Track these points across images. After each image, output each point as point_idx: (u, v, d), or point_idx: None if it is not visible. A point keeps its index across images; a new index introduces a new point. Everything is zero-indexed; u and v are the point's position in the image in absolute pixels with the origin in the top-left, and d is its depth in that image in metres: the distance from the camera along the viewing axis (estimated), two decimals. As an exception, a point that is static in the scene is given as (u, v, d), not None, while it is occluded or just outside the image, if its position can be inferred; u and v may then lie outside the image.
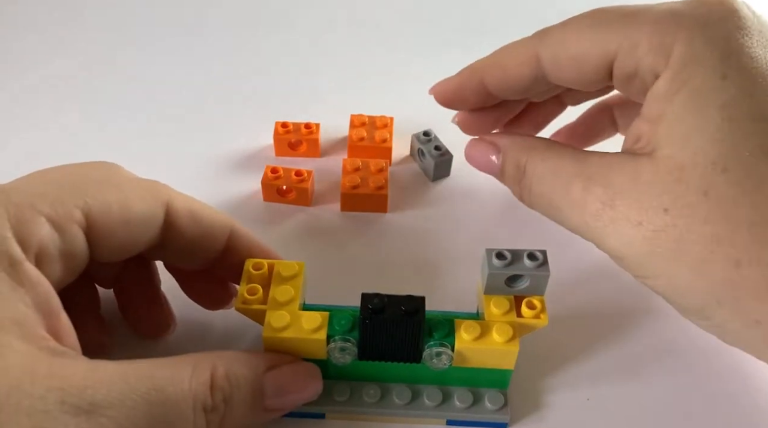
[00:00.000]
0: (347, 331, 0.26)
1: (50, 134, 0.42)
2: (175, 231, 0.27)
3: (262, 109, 0.44)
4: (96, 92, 0.45)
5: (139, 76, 0.47)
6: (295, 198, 0.38)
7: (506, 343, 0.26)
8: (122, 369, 0.22)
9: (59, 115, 0.43)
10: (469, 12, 0.53)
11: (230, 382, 0.24)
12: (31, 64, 0.47)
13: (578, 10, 0.29)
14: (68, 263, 0.25)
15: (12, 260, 0.22)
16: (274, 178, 0.37)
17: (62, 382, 0.21)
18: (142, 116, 0.43)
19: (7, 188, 0.24)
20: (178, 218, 0.27)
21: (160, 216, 0.27)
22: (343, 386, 0.28)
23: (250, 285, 0.27)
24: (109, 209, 0.25)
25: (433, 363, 0.27)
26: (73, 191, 0.25)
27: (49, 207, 0.24)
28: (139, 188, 0.27)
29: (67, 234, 0.24)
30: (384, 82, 0.46)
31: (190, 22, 0.52)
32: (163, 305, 0.31)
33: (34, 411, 0.20)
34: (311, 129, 0.40)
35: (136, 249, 0.27)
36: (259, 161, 0.40)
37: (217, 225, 0.28)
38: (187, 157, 0.40)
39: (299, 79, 0.47)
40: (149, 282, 0.31)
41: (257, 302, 0.27)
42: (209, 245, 0.28)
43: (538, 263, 0.27)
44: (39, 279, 0.23)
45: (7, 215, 0.23)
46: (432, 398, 0.28)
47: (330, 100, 0.45)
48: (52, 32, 0.50)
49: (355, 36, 0.51)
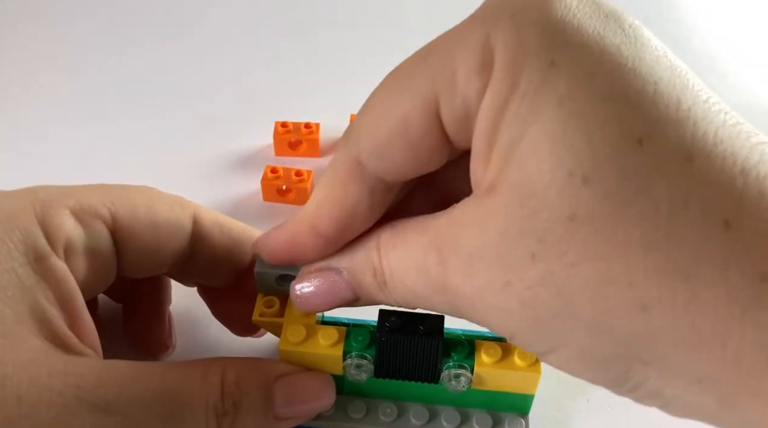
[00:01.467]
0: (364, 348, 0.26)
1: (49, 134, 0.42)
2: (204, 242, 0.27)
3: (262, 109, 0.44)
4: (95, 93, 0.45)
5: (138, 76, 0.47)
6: (295, 198, 0.38)
7: (529, 367, 0.25)
8: (135, 370, 0.22)
9: (59, 116, 0.43)
10: (470, 12, 0.53)
11: (240, 388, 0.23)
12: (29, 66, 0.47)
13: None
14: (94, 261, 0.25)
15: (38, 254, 0.22)
16: (274, 178, 0.37)
17: (78, 380, 0.21)
18: (142, 116, 0.43)
19: (35, 188, 0.24)
20: (206, 227, 0.27)
21: (188, 225, 0.27)
22: (359, 403, 0.27)
23: (267, 297, 0.27)
24: (135, 209, 0.25)
25: (451, 385, 0.26)
26: (99, 190, 0.25)
27: (74, 201, 0.24)
28: (166, 197, 0.27)
29: (92, 229, 0.24)
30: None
31: (190, 22, 0.52)
32: (165, 326, 0.30)
33: (54, 405, 0.20)
34: (311, 129, 0.40)
35: (165, 259, 0.27)
36: (259, 161, 0.40)
37: (245, 236, 0.28)
38: (187, 157, 0.40)
39: (299, 79, 0.47)
40: (158, 300, 0.31)
41: (274, 315, 0.27)
42: (238, 256, 0.28)
43: None
44: (65, 276, 0.23)
45: (33, 210, 0.23)
46: (450, 420, 0.27)
47: (330, 101, 0.45)
48: (51, 33, 0.50)
49: (355, 36, 0.51)
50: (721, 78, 0.48)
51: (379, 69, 0.32)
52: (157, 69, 0.47)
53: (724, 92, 0.19)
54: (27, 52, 0.49)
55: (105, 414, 0.21)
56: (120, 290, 0.30)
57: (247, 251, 0.28)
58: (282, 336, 0.26)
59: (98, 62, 0.48)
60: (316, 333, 0.26)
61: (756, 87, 0.48)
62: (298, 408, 0.25)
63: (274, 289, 0.27)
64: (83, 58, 0.48)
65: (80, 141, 0.41)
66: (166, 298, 0.31)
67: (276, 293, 0.27)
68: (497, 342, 0.26)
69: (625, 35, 0.19)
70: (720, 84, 0.47)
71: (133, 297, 0.31)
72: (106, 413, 0.21)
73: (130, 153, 0.40)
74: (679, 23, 0.54)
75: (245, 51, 0.49)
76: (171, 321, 0.31)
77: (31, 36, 0.50)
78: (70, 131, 0.42)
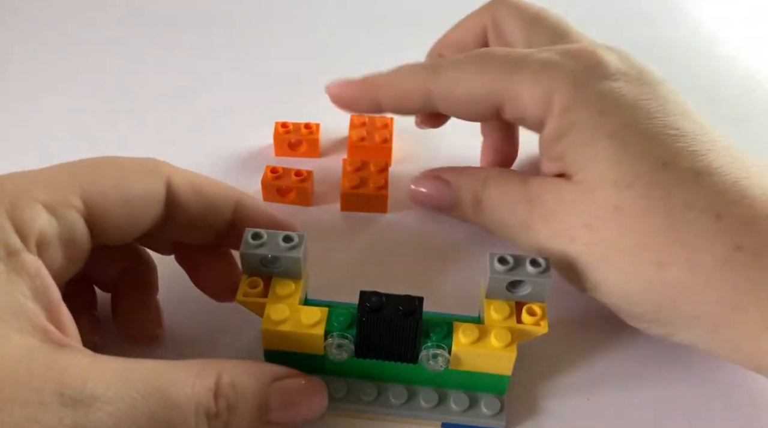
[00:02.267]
0: (345, 328, 0.27)
1: (49, 134, 0.42)
2: (179, 206, 0.27)
3: (262, 109, 0.44)
4: (95, 92, 0.45)
5: (137, 76, 0.47)
6: (295, 198, 0.38)
7: (504, 348, 0.26)
8: (124, 366, 0.22)
9: (58, 116, 0.43)
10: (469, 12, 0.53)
11: (235, 391, 0.23)
12: (26, 65, 0.47)
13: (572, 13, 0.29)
14: (69, 250, 0.24)
15: (9, 249, 0.22)
16: (274, 178, 0.37)
17: (62, 374, 0.20)
18: (142, 116, 0.43)
19: (0, 179, 0.24)
20: (180, 192, 0.27)
21: (161, 192, 0.27)
22: (341, 383, 0.28)
23: (251, 279, 0.27)
24: (106, 191, 0.25)
25: (429, 365, 0.27)
26: (67, 177, 0.25)
27: (44, 194, 0.23)
28: (138, 167, 0.27)
29: (66, 220, 0.24)
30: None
31: (190, 21, 0.52)
32: (153, 312, 0.30)
33: (29, 402, 0.20)
34: (311, 129, 0.40)
35: (141, 229, 0.27)
36: (259, 161, 0.40)
37: (221, 197, 0.28)
38: (186, 157, 0.40)
39: (299, 79, 0.46)
40: (146, 287, 0.31)
41: (258, 295, 0.27)
42: (215, 217, 0.28)
43: (540, 270, 0.27)
44: (38, 270, 0.22)
45: (2, 205, 0.22)
46: (428, 399, 0.28)
47: (330, 101, 0.44)
48: (50, 33, 0.50)
49: (355, 36, 0.51)
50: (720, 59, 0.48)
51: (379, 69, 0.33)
52: (156, 69, 0.47)
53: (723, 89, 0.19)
54: (26, 51, 0.48)
55: (87, 410, 0.20)
56: (108, 279, 0.30)
57: (224, 211, 0.28)
58: (264, 316, 0.27)
59: (98, 62, 0.48)
60: (298, 313, 0.27)
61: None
62: (293, 412, 0.25)
63: (258, 270, 0.27)
64: (83, 58, 0.48)
65: (80, 141, 0.41)
66: (154, 287, 0.31)
67: (260, 275, 0.28)
68: (474, 323, 0.27)
69: (656, 95, 0.29)
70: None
71: (121, 287, 0.30)
72: (88, 409, 0.20)
73: (130, 153, 0.40)
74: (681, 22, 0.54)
75: (245, 51, 0.49)
76: (159, 309, 0.31)
77: (30, 34, 0.50)
78: (69, 131, 0.42)
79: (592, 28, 0.34)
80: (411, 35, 0.51)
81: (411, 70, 0.32)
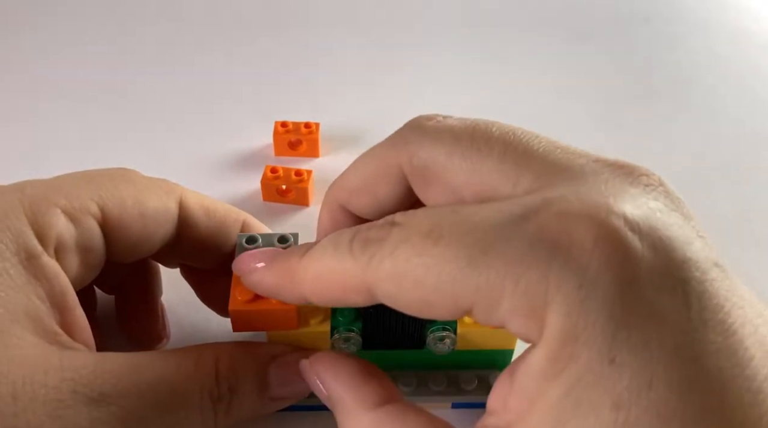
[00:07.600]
0: (350, 321, 0.27)
1: (48, 135, 0.42)
2: (190, 226, 0.27)
3: (262, 109, 0.43)
4: (95, 92, 0.45)
5: (138, 75, 0.47)
6: (295, 198, 0.38)
7: None
8: (130, 360, 0.22)
9: (58, 116, 0.43)
10: (470, 12, 0.53)
11: (235, 371, 0.24)
12: (27, 66, 0.47)
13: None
14: (85, 257, 0.25)
15: (29, 253, 0.22)
16: (273, 178, 0.37)
17: (73, 373, 0.21)
18: (142, 116, 0.43)
19: (21, 184, 0.24)
20: (192, 212, 0.27)
21: (174, 211, 0.27)
22: None
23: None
24: (123, 202, 0.25)
25: (436, 348, 0.27)
26: (87, 185, 0.25)
27: (64, 199, 0.24)
28: (152, 184, 0.27)
29: (84, 227, 0.24)
30: (385, 82, 0.46)
31: (189, 21, 0.52)
32: (159, 318, 0.31)
33: (49, 400, 0.21)
34: (311, 129, 0.40)
35: (153, 245, 0.27)
36: (259, 161, 0.40)
37: (230, 218, 0.29)
38: (186, 156, 0.40)
39: (299, 79, 0.46)
40: (150, 292, 0.31)
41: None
42: (224, 238, 0.28)
43: None
44: (56, 274, 0.23)
45: (23, 209, 0.23)
46: (437, 383, 0.28)
47: (330, 101, 0.45)
48: (50, 33, 0.50)
49: (355, 36, 0.51)
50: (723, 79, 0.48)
51: (379, 69, 0.33)
52: (156, 69, 0.47)
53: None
54: (28, 50, 0.48)
55: (101, 405, 0.21)
56: (111, 283, 0.30)
57: (232, 233, 0.28)
58: None
59: (98, 62, 0.48)
60: (302, 312, 0.26)
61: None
62: (292, 387, 0.25)
63: None
64: (83, 59, 0.48)
65: (80, 141, 0.41)
66: (157, 288, 0.31)
67: None
68: None
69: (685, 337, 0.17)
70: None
71: (124, 289, 0.31)
72: (102, 404, 0.21)
73: (130, 153, 0.40)
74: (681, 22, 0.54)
75: (245, 50, 0.49)
76: (164, 311, 0.31)
77: (28, 35, 0.50)
78: (69, 131, 0.42)
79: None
80: (411, 35, 0.51)
81: (335, 254, 0.21)
